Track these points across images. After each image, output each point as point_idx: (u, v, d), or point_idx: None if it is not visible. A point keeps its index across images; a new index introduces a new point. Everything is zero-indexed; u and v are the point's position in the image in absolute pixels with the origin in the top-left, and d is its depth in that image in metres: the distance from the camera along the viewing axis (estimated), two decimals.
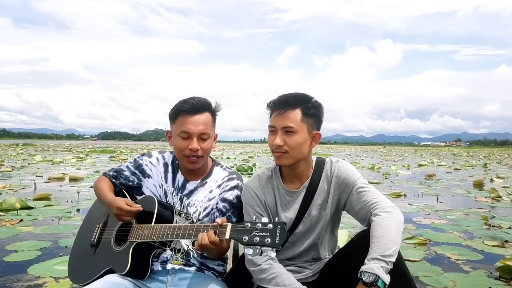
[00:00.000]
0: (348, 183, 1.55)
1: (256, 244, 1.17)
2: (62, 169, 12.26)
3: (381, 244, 1.27)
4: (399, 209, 1.42)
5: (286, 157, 1.51)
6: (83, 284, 1.54)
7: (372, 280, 1.19)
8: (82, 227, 1.86)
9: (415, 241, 3.80)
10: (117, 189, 1.77)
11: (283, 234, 1.15)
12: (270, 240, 1.15)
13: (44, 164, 14.26)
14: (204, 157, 1.64)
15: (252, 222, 1.22)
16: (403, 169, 15.23)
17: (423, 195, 7.32)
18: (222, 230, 1.28)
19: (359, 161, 19.99)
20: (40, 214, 4.81)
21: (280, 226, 1.17)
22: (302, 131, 1.50)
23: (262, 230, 1.18)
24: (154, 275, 1.56)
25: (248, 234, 1.20)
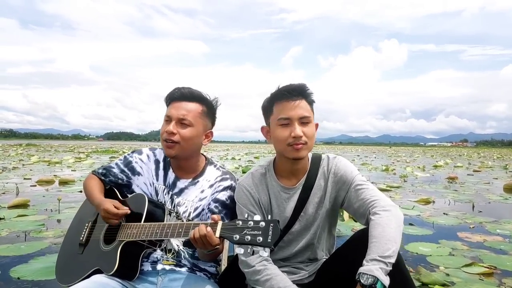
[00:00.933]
0: (346, 180, 1.50)
1: (247, 243, 1.13)
2: (57, 170, 11.53)
3: (380, 245, 1.22)
4: (398, 208, 1.37)
5: (305, 149, 1.45)
6: (70, 285, 1.46)
7: (371, 282, 1.14)
8: (71, 226, 1.81)
9: (478, 269, 2.91)
10: (107, 187, 1.72)
11: (275, 233, 1.11)
12: (262, 239, 1.11)
13: (40, 165, 13.53)
14: (182, 144, 1.56)
15: (243, 220, 1.17)
16: (418, 170, 14.36)
17: (454, 202, 6.43)
18: (213, 228, 1.22)
19: (370, 162, 19.11)
20: (6, 228, 3.97)
21: (273, 224, 1.12)
22: (313, 120, 1.47)
23: (254, 229, 1.13)
24: (144, 275, 1.52)
25: (239, 232, 1.15)
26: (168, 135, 1.56)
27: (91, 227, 1.65)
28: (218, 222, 1.24)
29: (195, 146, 1.63)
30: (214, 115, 1.70)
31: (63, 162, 15.33)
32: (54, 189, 7.11)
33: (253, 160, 19.59)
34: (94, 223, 1.66)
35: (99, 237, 1.57)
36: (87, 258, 1.57)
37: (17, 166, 12.66)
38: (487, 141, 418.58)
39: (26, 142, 79.63)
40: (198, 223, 1.29)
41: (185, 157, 1.64)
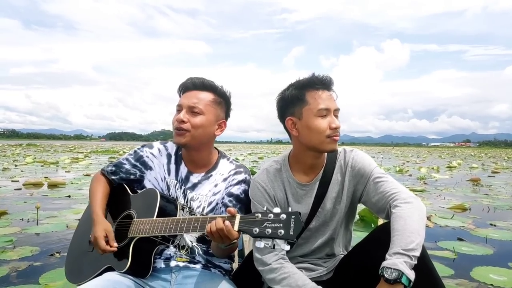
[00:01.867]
0: (364, 173, 1.45)
1: (268, 236, 1.08)
2: (50, 172, 10.80)
3: (403, 238, 1.17)
4: (420, 199, 1.31)
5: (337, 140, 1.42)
6: (80, 283, 1.38)
7: (395, 276, 1.10)
8: (80, 224, 1.75)
9: None
10: (115, 185, 1.68)
11: (297, 225, 1.06)
12: (283, 232, 1.06)
13: (33, 166, 12.80)
14: (192, 133, 1.52)
15: (263, 212, 1.12)
16: (433, 171, 13.58)
17: (494, 209, 5.62)
18: (231, 221, 1.17)
19: (380, 163, 18.30)
20: None
21: (295, 216, 1.08)
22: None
23: (275, 221, 1.09)
24: (157, 273, 1.47)
25: (259, 225, 1.10)
26: (178, 123, 1.52)
27: None
28: (236, 215, 1.18)
29: (206, 136, 1.56)
30: (228, 105, 1.65)
31: (59, 162, 14.60)
32: (40, 194, 6.34)
33: (258, 160, 18.89)
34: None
35: None
36: (97, 256, 1.48)
37: (8, 167, 11.91)
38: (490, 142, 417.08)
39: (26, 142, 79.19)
40: (215, 217, 1.24)
41: (197, 147, 1.58)
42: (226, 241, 1.20)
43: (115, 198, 1.65)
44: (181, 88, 1.60)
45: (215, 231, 1.18)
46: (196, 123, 1.52)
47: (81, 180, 8.53)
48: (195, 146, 1.57)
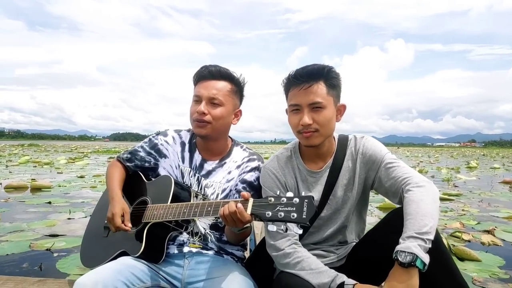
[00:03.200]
0: (375, 159, 1.43)
1: (281, 219, 1.08)
2: (41, 173, 9.92)
3: (416, 221, 1.15)
4: (432, 183, 1.30)
5: (316, 136, 1.39)
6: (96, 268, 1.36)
7: (409, 260, 1.08)
8: (95, 210, 1.79)
9: None
10: (130, 172, 1.69)
11: (310, 209, 1.06)
12: (296, 215, 1.06)
13: (26, 167, 11.94)
14: (213, 124, 1.53)
15: (276, 196, 1.13)
16: (453, 172, 12.61)
17: None
18: (244, 205, 1.18)
19: None
20: None
21: (308, 200, 1.08)
22: (330, 105, 1.39)
23: (287, 205, 1.09)
24: (170, 258, 1.49)
25: (272, 209, 1.11)
26: (199, 115, 1.51)
27: None
28: (249, 199, 1.19)
29: (225, 126, 1.59)
30: (242, 93, 1.65)
31: (54, 163, 13.74)
32: (18, 199, 5.44)
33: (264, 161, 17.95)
34: None
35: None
36: (112, 241, 1.53)
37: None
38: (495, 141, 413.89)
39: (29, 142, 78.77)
40: (228, 201, 1.23)
41: (215, 137, 1.60)
42: (239, 224, 1.20)
43: (130, 185, 1.65)
44: (197, 77, 1.57)
45: (227, 214, 1.19)
46: (217, 115, 1.52)
47: (71, 182, 7.63)
48: (215, 136, 1.58)
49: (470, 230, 3.87)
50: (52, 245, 3.04)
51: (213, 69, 1.54)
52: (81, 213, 4.44)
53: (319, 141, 1.41)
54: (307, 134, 1.38)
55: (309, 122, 1.36)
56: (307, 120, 1.36)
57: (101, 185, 7.25)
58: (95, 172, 10.08)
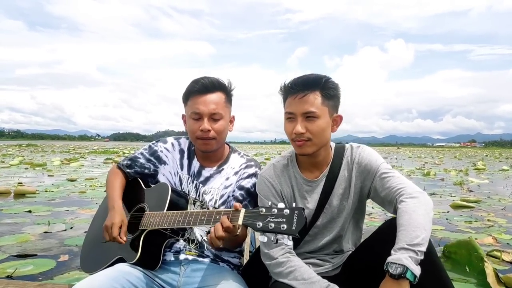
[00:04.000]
0: (370, 169, 1.43)
1: (271, 230, 1.08)
2: (31, 175, 9.45)
3: (408, 233, 1.15)
4: (426, 194, 1.30)
5: (309, 145, 1.39)
6: (93, 273, 1.43)
7: (400, 271, 1.08)
8: (96, 215, 1.79)
9: None
10: (130, 179, 1.70)
11: (300, 220, 1.06)
12: (286, 227, 1.06)
13: (16, 169, 11.44)
14: (218, 139, 1.55)
15: (267, 207, 1.13)
16: (461, 174, 12.12)
17: None
18: (235, 215, 1.19)
19: (400, 165, 16.78)
20: None
21: (298, 212, 1.08)
22: (324, 115, 1.38)
23: (278, 216, 1.09)
24: (166, 265, 1.49)
25: (263, 220, 1.11)
26: (203, 133, 1.51)
27: None
28: (241, 210, 1.19)
29: (226, 136, 1.62)
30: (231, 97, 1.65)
31: (47, 164, 13.23)
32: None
33: (265, 162, 17.46)
34: None
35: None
36: (110, 246, 1.52)
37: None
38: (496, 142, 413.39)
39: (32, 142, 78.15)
40: (221, 211, 1.26)
41: (218, 148, 1.61)
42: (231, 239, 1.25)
43: (129, 191, 1.66)
44: (190, 93, 1.56)
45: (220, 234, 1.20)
46: (220, 129, 1.54)
47: (60, 187, 7.12)
48: (218, 147, 1.61)
49: (507, 247, 3.37)
50: (15, 271, 2.53)
51: (206, 82, 1.53)
52: (61, 225, 3.93)
53: (312, 150, 1.41)
54: (299, 142, 1.39)
55: (301, 131, 1.36)
56: (299, 129, 1.36)
57: (91, 190, 6.75)
58: (87, 175, 9.58)
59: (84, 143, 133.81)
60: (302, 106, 1.36)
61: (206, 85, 1.52)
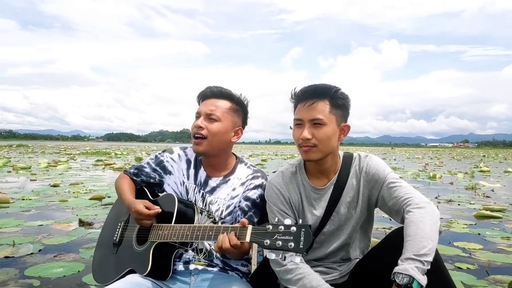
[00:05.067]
0: (378, 178, 1.45)
1: (278, 248, 1.09)
2: (12, 180, 8.73)
3: (415, 243, 1.17)
4: (433, 204, 1.31)
5: (314, 151, 1.42)
6: (105, 284, 1.49)
7: (406, 282, 1.10)
8: (105, 224, 1.81)
9: None
10: (138, 187, 1.73)
11: (307, 238, 1.07)
12: (293, 245, 1.07)
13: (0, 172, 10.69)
14: (209, 140, 1.57)
15: (274, 224, 1.14)
16: (467, 176, 11.64)
17: None
18: (243, 232, 1.21)
19: (402, 166, 16.25)
20: None
21: (305, 229, 1.08)
22: (331, 123, 1.42)
23: (285, 234, 1.10)
24: (177, 275, 1.52)
25: (270, 237, 1.12)
26: (196, 129, 1.57)
27: (123, 227, 1.64)
28: (248, 227, 1.21)
29: (223, 142, 1.61)
30: (245, 112, 1.69)
31: (33, 167, 12.50)
32: None
33: (262, 163, 16.86)
34: (127, 223, 1.64)
35: (132, 237, 1.56)
36: (121, 258, 1.57)
37: None
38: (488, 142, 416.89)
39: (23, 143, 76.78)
40: (228, 226, 1.28)
41: (214, 153, 1.63)
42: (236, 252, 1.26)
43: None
44: (200, 97, 1.65)
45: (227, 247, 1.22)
46: (213, 130, 1.56)
47: (40, 193, 6.45)
48: (213, 153, 1.61)
49: None
50: None
51: (215, 89, 1.61)
52: (29, 246, 3.27)
53: (317, 157, 1.43)
54: (305, 148, 1.42)
55: (308, 136, 1.40)
56: (306, 135, 1.40)
57: (74, 197, 6.08)
58: (74, 179, 8.89)
59: (77, 143, 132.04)
60: (310, 113, 1.40)
61: (214, 92, 1.61)
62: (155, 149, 48.86)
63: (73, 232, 3.84)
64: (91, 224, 4.15)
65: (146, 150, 37.81)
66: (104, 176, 10.20)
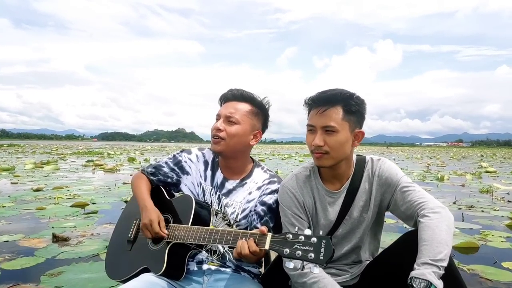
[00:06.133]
0: (391, 182, 1.46)
1: (298, 258, 1.09)
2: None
3: (431, 248, 1.19)
4: (448, 209, 1.32)
5: (326, 158, 1.43)
6: (119, 281, 1.58)
7: (423, 286, 1.12)
8: (120, 220, 1.82)
9: None
10: (153, 186, 1.74)
11: (328, 250, 1.07)
12: (313, 256, 1.07)
13: None
14: (227, 141, 1.59)
15: (294, 234, 1.14)
16: (475, 178, 11.12)
17: None
18: (262, 239, 1.22)
19: (404, 167, 15.71)
20: None
21: (326, 241, 1.08)
22: (344, 130, 1.41)
23: (305, 244, 1.10)
24: (190, 275, 1.54)
25: (290, 246, 1.12)
26: (215, 131, 1.59)
27: (138, 225, 1.65)
28: (268, 234, 1.21)
29: (241, 145, 1.63)
30: (266, 116, 1.70)
31: (19, 168, 11.78)
32: None
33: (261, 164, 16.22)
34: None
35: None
36: (135, 256, 1.59)
37: None
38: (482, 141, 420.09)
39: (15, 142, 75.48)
40: (247, 232, 1.29)
41: (232, 155, 1.65)
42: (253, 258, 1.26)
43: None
44: (222, 99, 1.67)
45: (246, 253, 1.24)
46: (232, 132, 1.58)
47: (17, 199, 5.78)
48: (230, 154, 1.63)
49: None
50: None
51: (236, 92, 1.63)
52: None
53: (329, 163, 1.44)
54: (317, 155, 1.42)
55: (319, 143, 1.40)
56: (317, 142, 1.40)
57: (54, 204, 5.42)
58: (59, 182, 8.21)
59: (71, 143, 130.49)
60: (322, 120, 1.40)
61: (235, 95, 1.63)
62: (149, 148, 48.06)
63: (43, 251, 3.18)
64: (67, 240, 3.50)
65: (140, 150, 37.03)
66: (92, 178, 9.52)
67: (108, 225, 4.19)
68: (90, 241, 3.51)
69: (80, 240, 3.53)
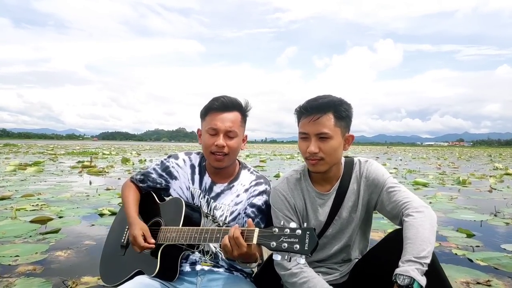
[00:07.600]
0: (377, 183, 1.52)
1: (285, 250, 1.13)
2: None
3: (415, 246, 1.24)
4: (431, 208, 1.37)
5: (322, 164, 1.47)
6: (114, 285, 1.57)
7: (407, 282, 1.17)
8: (112, 227, 1.85)
9: None
10: (144, 192, 1.78)
11: (312, 241, 1.11)
12: (299, 247, 1.11)
13: None
14: (230, 155, 1.62)
15: (280, 227, 1.18)
16: (498, 182, 10.12)
17: None
18: (250, 235, 1.24)
19: (416, 168, 14.67)
20: None
21: (309, 232, 1.12)
22: (336, 135, 1.46)
23: (291, 236, 1.14)
24: (184, 276, 1.56)
25: (276, 239, 1.16)
26: (218, 148, 1.59)
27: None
28: (255, 229, 1.23)
29: (237, 153, 1.68)
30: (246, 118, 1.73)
31: (3, 169, 10.80)
32: None
33: (261, 164, 15.26)
34: None
35: None
36: (129, 259, 1.62)
37: None
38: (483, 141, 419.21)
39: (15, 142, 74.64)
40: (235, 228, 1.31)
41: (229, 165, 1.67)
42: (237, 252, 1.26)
43: (144, 205, 1.73)
44: (209, 109, 1.63)
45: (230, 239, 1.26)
46: (234, 146, 1.62)
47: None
48: (230, 164, 1.67)
49: None
50: None
51: (226, 101, 1.61)
52: None
53: (325, 169, 1.49)
54: (313, 161, 1.47)
55: (315, 150, 1.45)
56: (313, 149, 1.44)
57: (11, 219, 4.41)
58: (33, 188, 7.22)
59: (71, 142, 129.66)
60: (316, 127, 1.44)
61: (225, 104, 1.60)
62: (148, 148, 47.09)
63: None
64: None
65: (138, 150, 36.07)
66: (74, 183, 8.50)
67: (63, 252, 3.17)
68: (25, 283, 2.49)
69: (10, 281, 2.50)
